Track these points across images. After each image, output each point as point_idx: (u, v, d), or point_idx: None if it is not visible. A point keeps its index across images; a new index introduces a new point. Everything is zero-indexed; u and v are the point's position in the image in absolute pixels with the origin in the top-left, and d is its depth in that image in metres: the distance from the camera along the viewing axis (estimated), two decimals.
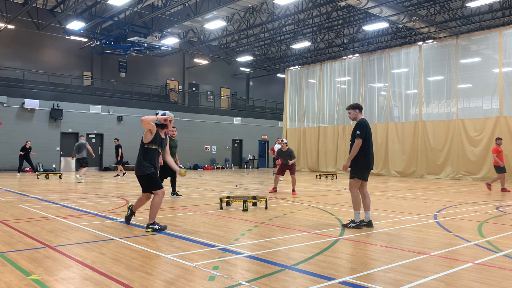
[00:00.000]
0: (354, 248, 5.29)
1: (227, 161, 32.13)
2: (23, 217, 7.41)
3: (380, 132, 23.74)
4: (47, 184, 14.89)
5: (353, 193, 6.73)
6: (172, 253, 4.88)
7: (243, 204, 8.44)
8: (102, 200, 10.23)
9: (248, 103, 36.13)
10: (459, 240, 5.83)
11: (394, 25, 22.86)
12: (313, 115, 28.21)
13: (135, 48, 23.69)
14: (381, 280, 3.95)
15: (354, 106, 6.94)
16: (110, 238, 5.69)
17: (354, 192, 6.72)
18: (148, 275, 4.02)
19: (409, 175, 22.26)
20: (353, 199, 6.72)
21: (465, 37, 21.43)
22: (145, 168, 6.16)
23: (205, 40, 27.21)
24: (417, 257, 4.80)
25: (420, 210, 8.97)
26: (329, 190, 13.91)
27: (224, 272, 4.12)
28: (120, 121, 26.67)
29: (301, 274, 4.11)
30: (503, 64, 19.36)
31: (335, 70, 26.96)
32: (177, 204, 9.56)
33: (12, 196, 10.91)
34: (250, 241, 5.60)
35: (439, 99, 21.95)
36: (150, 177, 6.20)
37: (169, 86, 31.59)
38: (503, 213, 8.65)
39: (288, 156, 12.54)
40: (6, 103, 22.88)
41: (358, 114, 6.86)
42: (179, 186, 13.34)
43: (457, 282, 3.89)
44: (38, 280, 3.81)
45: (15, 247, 5.09)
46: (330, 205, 9.48)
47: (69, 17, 22.69)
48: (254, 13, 22.42)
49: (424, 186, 15.87)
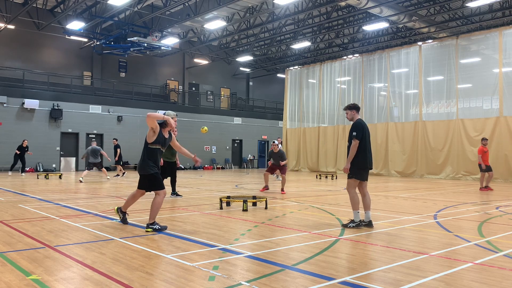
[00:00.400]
0: (354, 248, 5.29)
1: (227, 161, 32.13)
2: (23, 217, 7.41)
3: (380, 132, 23.74)
4: (47, 184, 14.89)
5: (351, 193, 6.75)
6: (172, 253, 4.88)
7: (243, 204, 8.43)
8: (102, 200, 10.23)
9: (248, 103, 36.13)
10: (459, 240, 5.83)
11: (394, 25, 22.87)
12: (313, 115, 28.21)
13: (135, 48, 23.69)
14: (381, 280, 3.95)
15: (351, 106, 6.95)
16: (110, 238, 5.69)
17: (351, 192, 6.74)
18: (148, 275, 4.02)
19: (409, 175, 22.26)
20: (351, 199, 6.73)
21: (465, 37, 21.43)
22: (149, 168, 6.18)
23: (205, 40, 27.22)
24: (417, 257, 4.80)
25: (420, 210, 8.97)
26: (329, 190, 13.91)
27: (224, 272, 4.12)
28: (120, 121, 26.67)
29: (301, 274, 4.11)
30: (503, 64, 19.36)
31: (335, 70, 26.96)
32: (177, 204, 9.56)
33: (12, 196, 10.91)
34: (250, 241, 5.60)
35: (439, 99, 21.95)
36: (154, 177, 6.21)
37: (169, 86, 31.59)
38: (503, 213, 8.65)
39: (280, 157, 12.69)
40: (6, 103, 22.89)
41: (355, 114, 6.86)
42: (179, 186, 13.35)
43: (457, 282, 3.89)
44: (38, 280, 3.81)
45: (15, 247, 5.09)
46: (330, 205, 9.48)
47: (69, 17, 22.69)
48: (254, 13, 22.43)
49: (424, 186, 15.87)
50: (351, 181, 6.73)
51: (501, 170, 19.04)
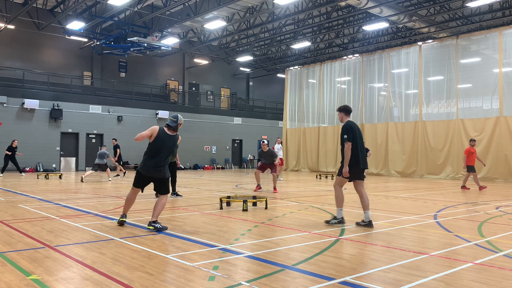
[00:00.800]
0: (354, 248, 5.29)
1: (227, 161, 32.13)
2: (23, 217, 7.41)
3: (380, 132, 23.74)
4: (47, 184, 14.89)
5: (337, 190, 6.88)
6: (172, 253, 4.88)
7: (243, 204, 8.44)
8: (102, 200, 10.23)
9: (248, 103, 36.13)
10: (459, 240, 5.83)
11: (394, 25, 22.86)
12: (313, 115, 28.21)
13: (135, 48, 23.67)
14: (381, 280, 3.95)
15: (341, 108, 7.09)
16: (110, 238, 5.69)
17: (337, 189, 6.87)
18: (148, 275, 4.02)
19: (409, 175, 22.25)
20: (336, 197, 6.86)
21: (465, 37, 21.42)
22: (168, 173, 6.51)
23: (205, 40, 27.21)
24: (417, 257, 4.80)
25: (420, 210, 8.97)
26: (329, 190, 13.90)
27: (224, 272, 4.12)
28: (120, 121, 26.67)
29: (301, 274, 4.11)
30: (503, 64, 19.36)
31: (335, 70, 26.96)
32: (177, 204, 9.56)
33: (12, 196, 10.91)
34: (250, 241, 5.60)
35: (439, 99, 21.95)
36: (168, 180, 6.56)
37: (169, 86, 31.59)
38: (503, 213, 8.65)
39: (270, 157, 12.68)
40: (6, 103, 22.88)
41: (343, 116, 6.99)
42: (179, 186, 13.34)
43: (457, 282, 3.89)
44: (38, 280, 3.81)
45: (15, 247, 5.09)
46: (330, 205, 9.48)
47: (69, 17, 22.68)
48: (254, 13, 22.42)
49: (424, 186, 15.87)
50: (339, 179, 6.86)
51: (501, 170, 19.05)
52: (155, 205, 6.29)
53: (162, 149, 6.34)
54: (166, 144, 6.37)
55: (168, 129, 6.46)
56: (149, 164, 6.30)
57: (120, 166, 20.06)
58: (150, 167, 6.30)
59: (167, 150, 6.40)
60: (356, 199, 8.68)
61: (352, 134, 6.67)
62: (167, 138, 6.40)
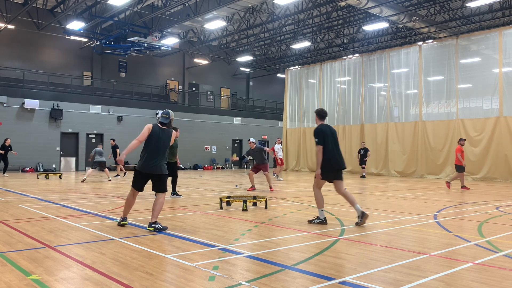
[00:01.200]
0: (354, 248, 5.29)
1: (227, 161, 32.12)
2: (23, 217, 7.41)
3: (380, 132, 23.74)
4: (47, 184, 14.89)
5: (315, 191, 7.06)
6: (172, 253, 4.88)
7: (243, 204, 8.44)
8: (102, 200, 10.23)
9: (248, 103, 36.13)
10: (459, 240, 5.83)
11: (394, 25, 22.86)
12: (313, 115, 28.06)
13: (135, 48, 23.67)
14: (381, 280, 3.95)
15: (316, 111, 7.35)
16: (110, 238, 5.69)
17: (315, 191, 7.05)
18: (148, 275, 4.02)
19: (409, 175, 22.25)
20: (315, 198, 7.04)
21: (465, 37, 21.42)
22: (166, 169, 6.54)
23: (205, 40, 27.21)
24: (417, 257, 4.80)
25: (420, 210, 8.97)
26: (329, 190, 13.87)
27: (224, 272, 4.12)
28: (120, 121, 26.67)
29: (301, 274, 4.11)
30: (503, 64, 19.35)
31: (335, 70, 26.95)
32: (177, 204, 9.56)
33: (12, 196, 10.91)
34: (250, 241, 5.60)
35: (439, 99, 21.95)
36: (166, 177, 6.55)
37: (169, 86, 31.58)
38: (503, 213, 8.65)
39: (258, 153, 12.69)
40: (6, 103, 22.88)
41: (316, 120, 7.23)
42: (179, 186, 13.34)
43: (457, 282, 3.89)
44: (38, 280, 3.81)
45: (15, 247, 5.09)
46: (330, 205, 9.48)
47: (69, 17, 22.68)
48: (254, 13, 22.42)
49: (424, 186, 15.87)
50: (316, 181, 7.01)
51: (501, 170, 19.05)
52: (154, 205, 6.28)
53: (158, 144, 6.36)
54: (161, 138, 6.40)
55: (162, 126, 6.51)
56: (147, 160, 6.34)
57: (120, 166, 20.05)
58: (147, 163, 6.32)
59: (163, 145, 6.43)
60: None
61: (323, 138, 6.84)
62: (161, 132, 6.43)
